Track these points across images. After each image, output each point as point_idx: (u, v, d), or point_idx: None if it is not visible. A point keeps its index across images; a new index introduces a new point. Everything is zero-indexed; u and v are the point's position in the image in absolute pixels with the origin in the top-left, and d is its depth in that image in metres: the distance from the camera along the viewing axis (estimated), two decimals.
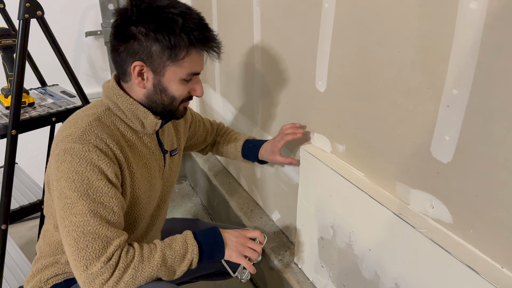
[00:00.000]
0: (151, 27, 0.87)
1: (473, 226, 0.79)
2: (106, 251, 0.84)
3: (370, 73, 0.95)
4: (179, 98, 0.97)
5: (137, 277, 0.86)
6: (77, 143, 0.87)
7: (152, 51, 0.89)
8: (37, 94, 1.52)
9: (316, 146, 1.23)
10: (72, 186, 0.85)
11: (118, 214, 0.89)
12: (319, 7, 1.07)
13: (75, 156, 0.86)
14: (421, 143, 0.86)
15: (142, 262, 0.87)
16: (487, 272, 0.74)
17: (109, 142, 0.90)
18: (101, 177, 0.87)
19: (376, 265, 1.00)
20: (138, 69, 0.91)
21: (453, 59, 0.75)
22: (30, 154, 2.04)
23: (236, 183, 1.91)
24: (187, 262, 0.92)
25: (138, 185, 0.97)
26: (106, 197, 0.87)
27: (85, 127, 0.90)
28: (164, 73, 0.92)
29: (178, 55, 0.90)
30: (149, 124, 0.98)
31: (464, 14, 0.71)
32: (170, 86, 0.94)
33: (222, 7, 1.69)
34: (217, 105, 1.98)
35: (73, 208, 0.85)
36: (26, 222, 2.09)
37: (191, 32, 0.89)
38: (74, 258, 0.84)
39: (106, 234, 0.85)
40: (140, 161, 0.99)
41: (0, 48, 1.30)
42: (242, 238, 1.02)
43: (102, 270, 0.83)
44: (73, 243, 0.84)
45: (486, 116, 0.72)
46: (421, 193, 0.89)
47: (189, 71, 0.94)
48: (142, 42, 0.88)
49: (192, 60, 0.92)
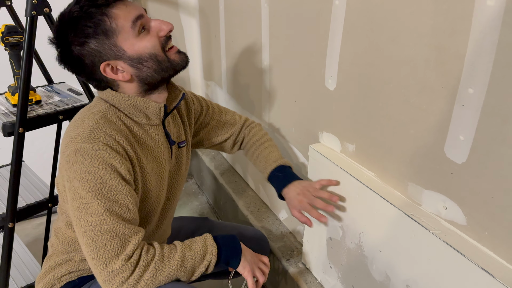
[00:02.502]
0: (74, 36, 0.88)
1: (488, 228, 0.78)
2: (125, 249, 0.84)
3: (382, 71, 0.93)
4: (156, 49, 0.92)
5: (157, 276, 0.86)
6: (87, 142, 0.86)
7: (96, 48, 0.89)
8: (44, 91, 1.52)
9: (325, 145, 1.21)
10: (85, 186, 0.84)
11: (133, 211, 0.88)
12: (329, 4, 1.05)
13: (86, 156, 0.85)
14: (434, 143, 0.84)
15: (163, 261, 0.87)
16: (503, 275, 0.72)
17: (118, 139, 0.89)
18: (114, 175, 0.86)
19: (386, 266, 0.98)
20: (108, 68, 0.91)
21: (468, 57, 0.73)
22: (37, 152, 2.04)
23: (242, 182, 1.90)
24: (206, 263, 0.92)
25: (149, 179, 0.97)
26: (120, 195, 0.86)
27: (93, 125, 0.89)
28: (123, 48, 0.90)
29: (107, 29, 0.87)
30: (153, 112, 0.96)
31: (482, 11, 0.69)
32: (138, 50, 0.90)
33: (230, 4, 1.67)
34: (223, 103, 1.97)
35: (89, 208, 0.84)
36: (32, 220, 2.09)
37: (91, 4, 0.87)
38: (93, 257, 0.84)
39: (123, 232, 0.85)
40: (150, 154, 0.98)
41: (7, 46, 1.30)
42: (256, 258, 1.03)
43: (123, 268, 0.83)
44: (91, 242, 0.84)
45: (503, 116, 0.70)
46: (434, 193, 0.87)
47: (127, 24, 0.88)
48: (85, 51, 0.89)
49: (117, 17, 0.88)
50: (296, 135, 1.38)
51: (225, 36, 1.78)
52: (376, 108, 0.98)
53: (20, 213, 1.32)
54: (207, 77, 2.17)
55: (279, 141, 1.49)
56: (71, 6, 0.89)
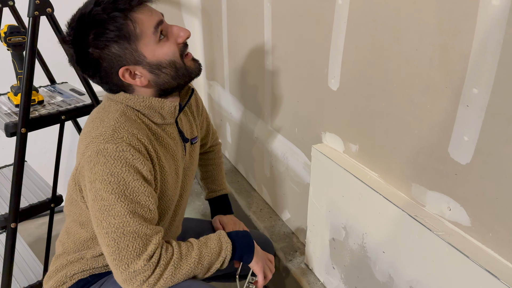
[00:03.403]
0: (95, 38, 0.86)
1: (492, 229, 0.77)
2: (146, 249, 0.85)
3: (386, 71, 0.93)
4: (175, 56, 0.91)
5: (176, 274, 0.87)
6: (110, 143, 0.85)
7: (117, 53, 0.87)
8: (47, 92, 1.52)
9: (328, 146, 1.21)
10: (108, 188, 0.84)
11: (154, 211, 0.89)
12: (332, 3, 1.04)
13: (109, 158, 0.84)
14: (438, 144, 0.83)
15: (181, 259, 0.89)
16: (507, 276, 0.72)
17: (140, 137, 0.89)
18: (137, 177, 0.86)
19: (390, 267, 0.98)
20: (127, 73, 0.89)
21: (473, 57, 0.72)
22: (39, 152, 2.04)
23: (245, 182, 1.89)
24: (221, 259, 0.94)
25: (166, 178, 0.97)
26: (142, 196, 0.87)
27: (115, 124, 0.88)
28: (144, 54, 0.88)
29: (130, 33, 0.86)
30: (168, 112, 0.96)
31: (486, 11, 0.69)
32: (158, 56, 0.89)
33: (232, 3, 1.67)
34: (226, 103, 1.97)
35: (111, 210, 0.84)
36: (35, 220, 2.09)
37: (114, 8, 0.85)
38: (114, 258, 0.84)
39: (145, 232, 0.86)
40: (168, 153, 0.98)
41: (10, 46, 1.30)
42: (265, 255, 1.07)
43: (144, 268, 0.84)
44: (113, 244, 0.84)
45: (507, 117, 0.69)
46: (438, 194, 0.86)
47: (149, 31, 0.87)
48: (104, 54, 0.87)
49: (140, 22, 0.87)
50: (299, 135, 1.37)
51: (227, 36, 1.77)
52: (379, 108, 0.97)
53: (22, 213, 1.32)
54: (210, 77, 2.16)
55: (282, 141, 1.49)
56: (91, 7, 0.86)
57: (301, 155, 1.38)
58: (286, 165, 1.48)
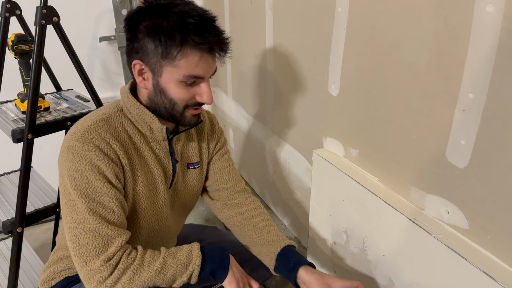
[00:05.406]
0: (148, 25, 0.86)
1: (490, 232, 0.78)
2: (107, 249, 0.85)
3: (384, 77, 0.94)
4: (180, 102, 0.91)
5: (134, 280, 0.87)
6: (79, 141, 0.87)
7: (148, 49, 0.87)
8: (53, 98, 1.54)
9: (329, 151, 1.22)
10: (73, 184, 0.86)
11: (119, 214, 0.89)
12: (332, 11, 1.06)
13: (76, 155, 0.87)
14: (436, 148, 0.85)
15: (142, 266, 0.88)
16: (505, 278, 0.73)
17: (112, 142, 0.90)
18: (99, 177, 0.87)
19: (390, 270, 0.98)
20: (138, 68, 0.90)
21: (469, 62, 0.74)
22: (45, 157, 2.07)
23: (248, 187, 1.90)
24: (189, 273, 0.91)
25: (141, 189, 0.96)
26: (105, 197, 0.87)
27: (89, 126, 0.90)
28: (161, 73, 0.89)
29: (171, 53, 0.85)
30: (157, 130, 0.96)
31: (481, 18, 0.70)
32: (168, 88, 0.90)
33: (235, 11, 1.69)
34: (229, 109, 1.99)
35: (74, 206, 0.86)
36: (40, 225, 2.11)
37: (186, 31, 0.84)
38: (75, 253, 0.86)
39: (106, 233, 0.86)
40: (146, 165, 0.98)
41: (17, 54, 1.33)
42: (245, 277, 0.97)
43: (101, 268, 0.84)
44: (74, 239, 0.86)
45: (503, 121, 0.71)
46: (437, 198, 0.87)
47: (186, 73, 0.88)
48: (140, 40, 0.87)
49: (189, 61, 0.87)
50: (301, 140, 1.39)
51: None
52: (379, 113, 0.99)
53: (28, 218, 1.34)
54: (213, 83, 2.19)
55: (284, 147, 1.50)
56: (187, 8, 0.86)
57: (303, 160, 1.39)
58: (288, 170, 1.49)
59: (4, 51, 1.46)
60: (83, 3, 2.07)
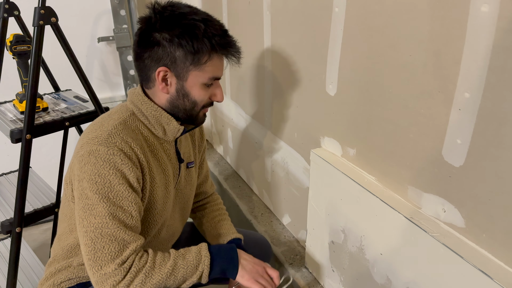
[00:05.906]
0: (175, 33, 0.90)
1: (486, 230, 0.78)
2: (121, 254, 0.86)
3: (381, 77, 0.95)
4: (200, 103, 0.98)
5: (146, 282, 0.88)
6: (103, 145, 0.88)
7: (176, 56, 0.91)
8: (51, 99, 1.55)
9: (326, 150, 1.23)
10: (93, 187, 0.86)
11: (136, 219, 0.90)
12: (329, 11, 1.07)
13: (99, 159, 0.87)
14: (433, 147, 0.85)
15: (153, 269, 0.89)
16: (501, 276, 0.73)
17: (133, 146, 0.92)
18: (122, 181, 0.88)
19: (387, 269, 0.99)
20: (162, 75, 0.93)
21: (464, 62, 0.75)
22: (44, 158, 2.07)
23: (246, 187, 1.91)
24: (199, 273, 0.94)
25: (156, 190, 0.99)
26: (126, 201, 0.88)
27: (111, 130, 0.91)
28: (187, 78, 0.94)
29: (200, 59, 0.92)
30: (171, 131, 1.00)
31: (476, 17, 0.71)
32: (192, 91, 0.96)
33: (233, 11, 1.70)
34: (227, 109, 1.99)
35: (93, 210, 0.86)
36: (39, 225, 2.11)
37: (213, 37, 0.91)
38: (89, 258, 0.86)
39: (123, 238, 0.87)
40: (160, 166, 1.01)
41: (15, 54, 1.33)
42: (260, 267, 1.02)
43: (115, 272, 0.85)
44: (90, 243, 0.86)
45: (499, 120, 0.71)
46: (433, 197, 0.88)
47: (211, 76, 0.95)
48: (166, 48, 0.91)
49: (214, 65, 0.95)
50: (298, 140, 1.39)
51: None
52: (376, 113, 0.99)
53: (27, 218, 1.35)
54: None
55: (282, 146, 1.51)
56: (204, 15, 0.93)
57: (301, 160, 1.40)
58: (286, 170, 1.50)
59: (2, 52, 1.47)
60: (81, 4, 2.07)
